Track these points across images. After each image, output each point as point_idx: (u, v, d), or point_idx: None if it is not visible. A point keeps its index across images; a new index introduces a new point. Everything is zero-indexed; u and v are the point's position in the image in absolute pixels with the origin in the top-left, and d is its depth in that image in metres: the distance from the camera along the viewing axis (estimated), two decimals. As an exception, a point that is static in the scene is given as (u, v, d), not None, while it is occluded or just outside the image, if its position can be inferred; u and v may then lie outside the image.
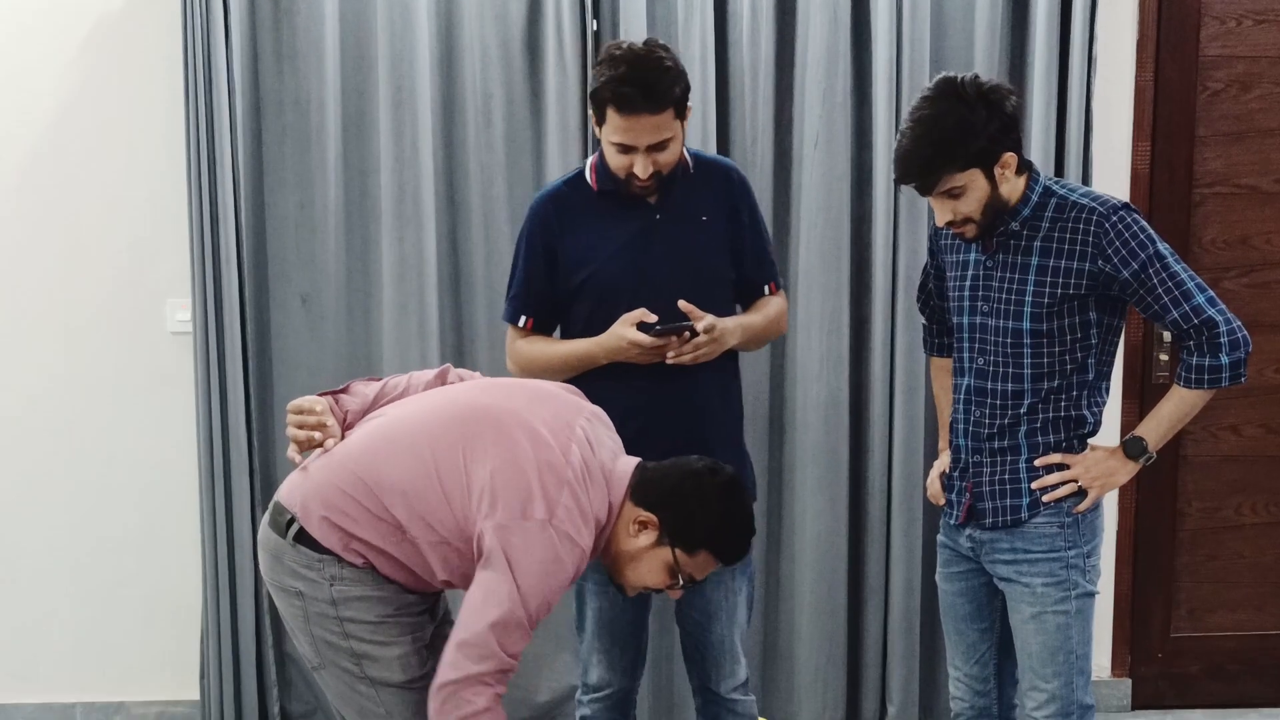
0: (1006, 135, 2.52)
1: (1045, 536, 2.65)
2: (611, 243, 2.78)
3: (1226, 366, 2.59)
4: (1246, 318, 3.85)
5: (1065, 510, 2.65)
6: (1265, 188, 3.87)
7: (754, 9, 3.62)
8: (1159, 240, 2.57)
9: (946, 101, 2.50)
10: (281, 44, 3.64)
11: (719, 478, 2.46)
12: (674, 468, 2.47)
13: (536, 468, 2.31)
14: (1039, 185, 2.61)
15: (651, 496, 2.42)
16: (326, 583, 2.38)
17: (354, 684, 2.43)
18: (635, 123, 2.65)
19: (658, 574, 2.45)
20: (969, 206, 2.54)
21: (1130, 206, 2.59)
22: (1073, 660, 2.67)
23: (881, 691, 3.88)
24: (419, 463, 2.36)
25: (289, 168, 3.68)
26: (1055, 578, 2.65)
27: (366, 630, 2.40)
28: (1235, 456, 3.98)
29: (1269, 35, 3.82)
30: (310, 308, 3.72)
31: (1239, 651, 4.04)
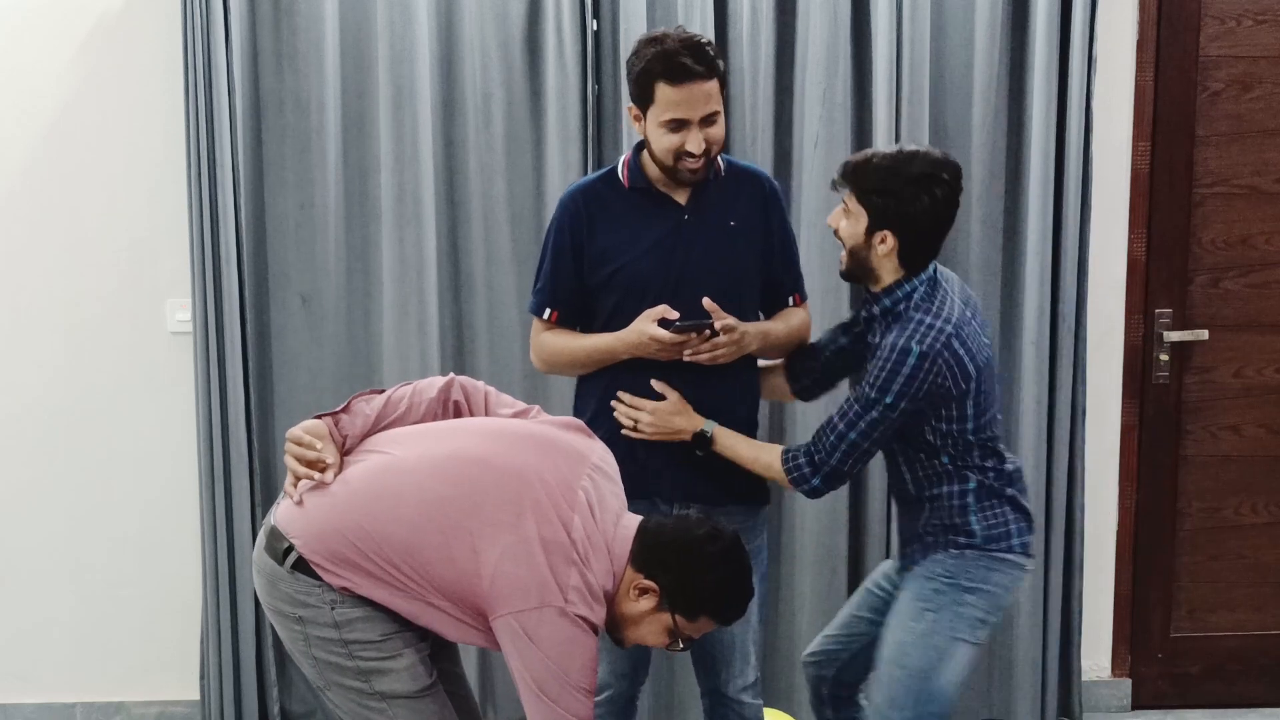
0: (902, 222, 2.63)
1: (933, 561, 2.75)
2: (640, 240, 2.78)
3: (807, 485, 2.73)
4: (1246, 318, 3.91)
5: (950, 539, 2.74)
6: (1265, 188, 3.87)
7: (754, 9, 3.62)
8: (893, 394, 2.61)
9: (910, 160, 2.65)
10: (281, 44, 3.64)
11: (718, 544, 2.43)
12: (675, 533, 2.44)
13: (544, 551, 2.30)
14: (907, 288, 2.69)
15: (652, 563, 2.40)
16: (327, 607, 2.36)
17: (364, 701, 2.42)
18: (689, 92, 2.64)
19: (657, 635, 2.47)
20: (845, 230, 2.70)
21: (910, 354, 2.60)
22: (905, 678, 2.70)
23: (881, 691, 3.87)
24: (426, 528, 2.34)
25: (289, 168, 3.68)
26: (922, 597, 2.73)
27: (372, 649, 2.39)
28: (1235, 456, 3.98)
29: (1269, 35, 3.82)
30: (310, 308, 3.72)
31: (1239, 651, 4.04)
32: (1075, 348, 3.75)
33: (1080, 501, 3.82)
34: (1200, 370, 3.93)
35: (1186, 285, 3.89)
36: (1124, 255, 3.86)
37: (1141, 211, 3.85)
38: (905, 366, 2.60)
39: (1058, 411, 3.76)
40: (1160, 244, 3.87)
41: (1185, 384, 3.93)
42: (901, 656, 2.71)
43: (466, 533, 2.32)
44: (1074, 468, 3.80)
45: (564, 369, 2.88)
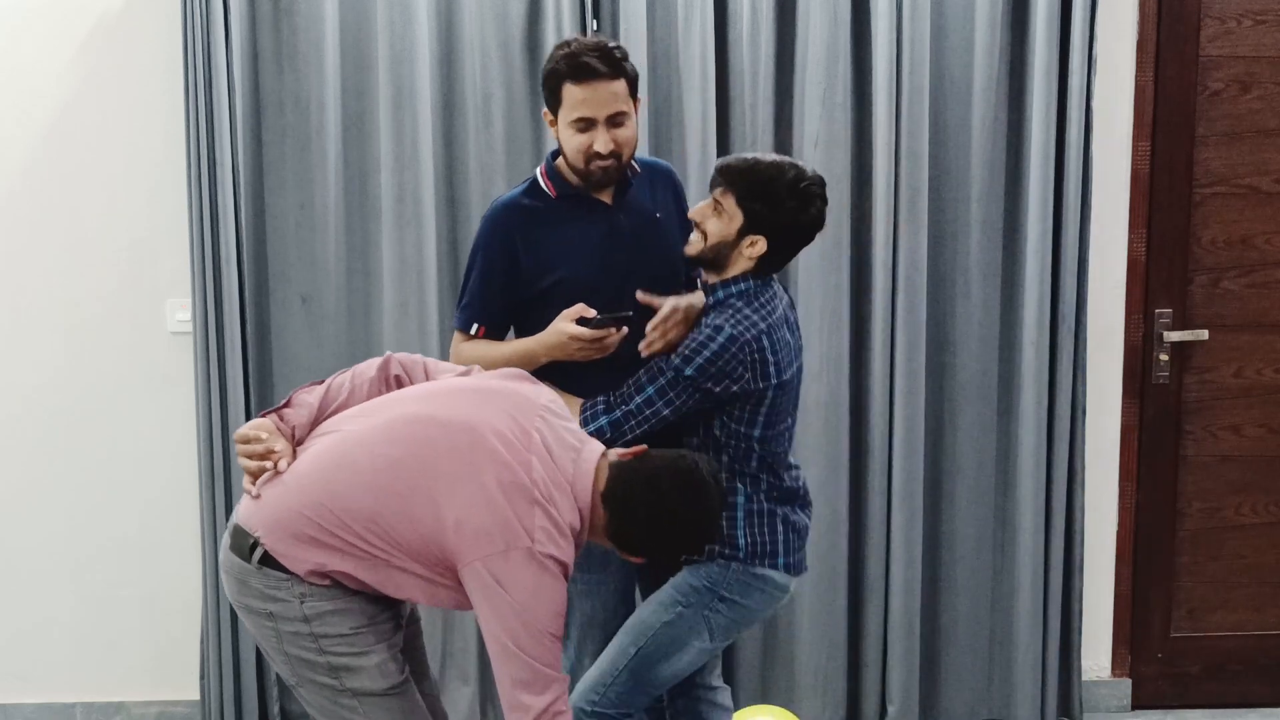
0: (777, 228, 2.69)
1: (698, 565, 2.76)
2: (579, 246, 2.77)
3: (597, 422, 2.69)
4: (1246, 318, 3.92)
5: (720, 554, 2.75)
6: (1265, 188, 3.87)
7: (754, 9, 3.62)
8: (700, 368, 2.63)
9: (789, 169, 2.71)
10: (281, 44, 3.64)
11: (680, 479, 2.41)
12: (635, 470, 2.42)
13: (505, 496, 2.31)
14: (745, 284, 2.73)
15: (616, 500, 2.40)
16: (297, 600, 2.37)
17: (335, 698, 2.42)
18: (594, 90, 2.69)
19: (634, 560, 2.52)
20: (712, 227, 2.71)
21: (720, 333, 2.65)
22: (632, 654, 2.74)
23: (881, 691, 3.87)
24: (384, 492, 2.34)
25: (289, 168, 3.68)
26: (678, 587, 2.76)
27: (343, 643, 2.39)
28: (1235, 456, 3.98)
29: (1269, 35, 3.82)
30: (310, 307, 3.72)
31: (1239, 651, 4.04)
32: (1075, 348, 3.75)
33: (1080, 501, 3.82)
34: (1200, 370, 3.93)
35: (1186, 285, 3.89)
36: (1124, 255, 3.86)
37: (1141, 211, 3.85)
38: (714, 344, 2.65)
39: (1058, 411, 3.76)
40: (1160, 244, 3.87)
41: (1185, 384, 3.93)
42: (639, 637, 2.75)
43: (425, 490, 2.33)
44: (1074, 468, 3.80)
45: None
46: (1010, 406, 3.80)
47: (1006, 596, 3.85)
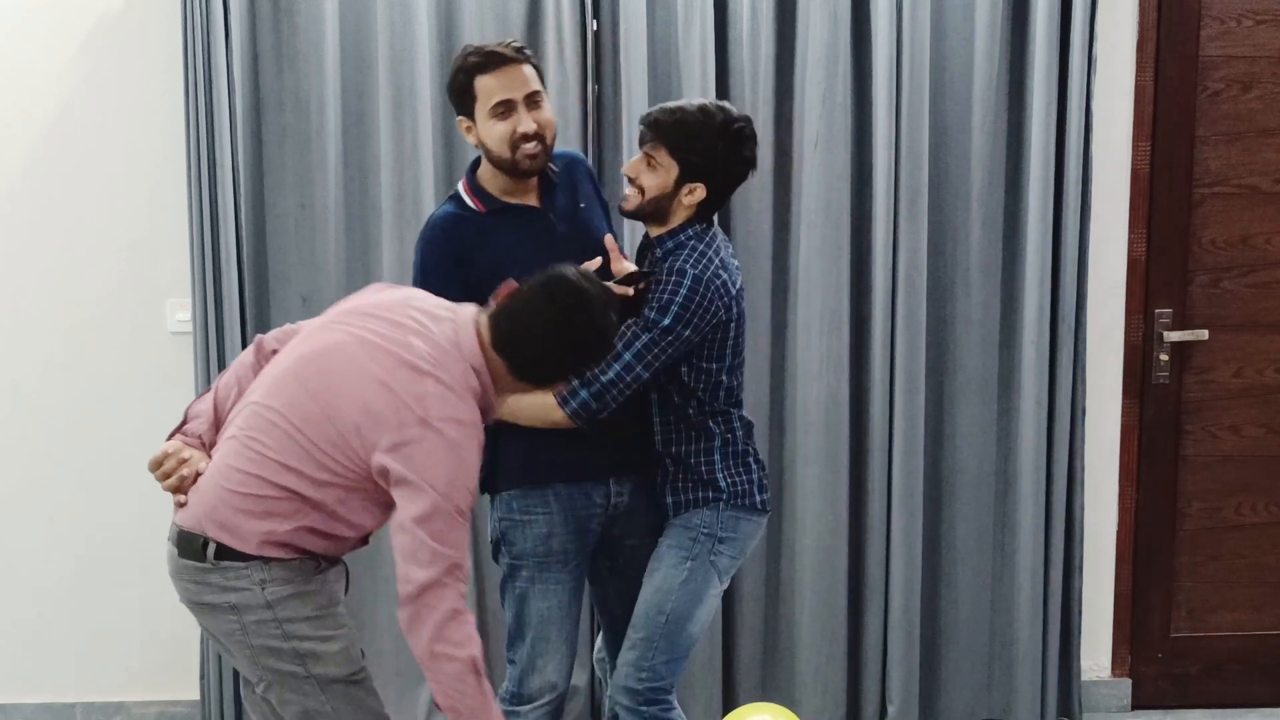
0: (714, 173, 2.74)
1: (684, 515, 2.84)
2: (517, 255, 2.72)
3: (579, 398, 2.69)
4: (1246, 318, 3.92)
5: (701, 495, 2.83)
6: (1265, 188, 3.87)
7: (754, 9, 3.62)
8: (676, 315, 2.67)
9: (715, 113, 2.75)
10: (281, 44, 3.64)
11: (551, 305, 2.41)
12: (514, 307, 2.44)
13: (392, 377, 2.33)
14: (691, 231, 2.77)
15: (506, 347, 2.43)
16: (258, 588, 2.38)
17: (299, 686, 2.43)
18: (507, 75, 2.73)
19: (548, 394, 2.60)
20: (647, 180, 2.75)
21: (686, 275, 2.69)
22: (663, 622, 2.78)
23: (881, 691, 3.87)
24: (295, 435, 2.36)
25: (289, 168, 3.68)
26: (679, 544, 2.82)
27: (307, 626, 2.41)
28: (1235, 456, 3.98)
29: (1269, 35, 3.82)
30: (310, 308, 3.71)
31: (1239, 651, 4.04)
32: (1075, 348, 3.75)
33: (1080, 501, 3.82)
34: (1200, 370, 3.93)
35: (1186, 285, 3.89)
36: (1124, 255, 3.86)
37: (1141, 211, 3.85)
38: (682, 288, 2.68)
39: (1058, 411, 3.76)
40: (1160, 244, 3.87)
41: (1185, 384, 3.93)
42: (663, 603, 2.79)
43: (323, 416, 2.35)
44: (1074, 468, 3.80)
45: None
46: (1010, 406, 3.80)
47: (1006, 596, 3.85)
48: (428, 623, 2.29)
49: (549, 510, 2.79)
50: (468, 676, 2.30)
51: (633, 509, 2.89)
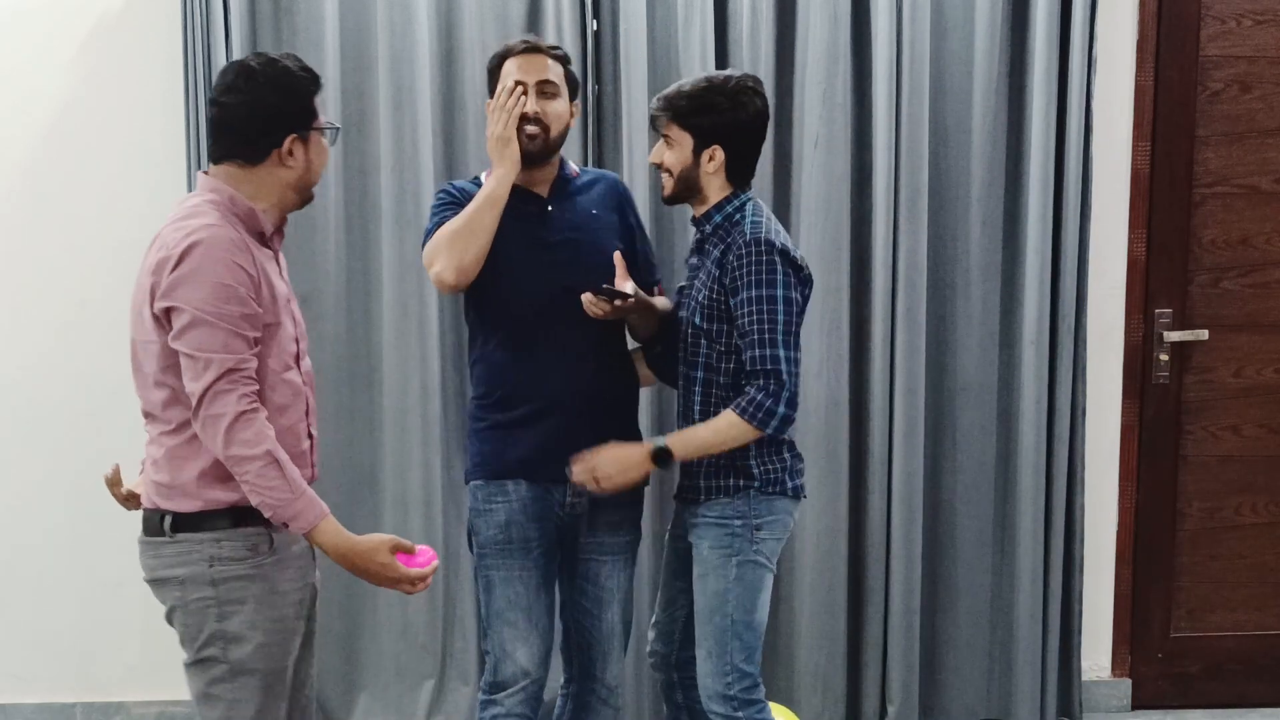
0: (726, 132, 2.77)
1: (717, 505, 2.81)
2: (507, 228, 2.80)
3: (777, 416, 2.71)
4: (1246, 318, 3.91)
5: (734, 483, 2.81)
6: (1265, 188, 3.88)
7: (754, 9, 3.62)
8: (782, 285, 2.70)
9: (714, 78, 2.81)
10: (281, 43, 3.64)
11: (229, 77, 2.51)
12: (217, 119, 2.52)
13: (155, 243, 2.45)
14: (737, 202, 2.81)
15: (219, 156, 2.51)
16: (206, 564, 2.44)
17: (210, 669, 2.47)
18: (529, 60, 2.85)
19: (324, 153, 2.58)
20: (669, 159, 2.81)
21: (773, 246, 2.71)
22: (729, 624, 2.78)
23: (881, 691, 3.87)
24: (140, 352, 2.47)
25: (289, 168, 3.68)
26: (720, 544, 2.80)
27: (243, 612, 2.45)
28: (1235, 456, 3.98)
29: (1269, 35, 3.82)
30: (310, 307, 3.71)
31: (1239, 651, 4.05)
32: (1075, 348, 3.76)
33: (1080, 501, 3.82)
34: (1200, 370, 3.93)
35: (1186, 285, 3.89)
36: (1124, 255, 3.86)
37: (1141, 211, 3.85)
38: (773, 254, 2.70)
39: (1058, 411, 3.76)
40: (1160, 244, 3.87)
41: (1185, 384, 3.93)
42: (722, 605, 2.79)
43: (136, 311, 2.47)
44: (1074, 467, 3.80)
45: (470, 237, 2.78)
46: (1010, 406, 3.80)
47: (1006, 596, 3.85)
48: (217, 429, 2.35)
49: (508, 499, 2.85)
50: (268, 471, 2.36)
51: (594, 518, 2.92)
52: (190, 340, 2.36)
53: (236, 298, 2.38)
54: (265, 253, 2.53)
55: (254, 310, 2.41)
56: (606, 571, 2.94)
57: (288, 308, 2.55)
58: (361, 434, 3.77)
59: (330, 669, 3.86)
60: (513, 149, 2.80)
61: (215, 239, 2.40)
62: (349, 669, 3.88)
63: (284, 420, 2.50)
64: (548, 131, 2.84)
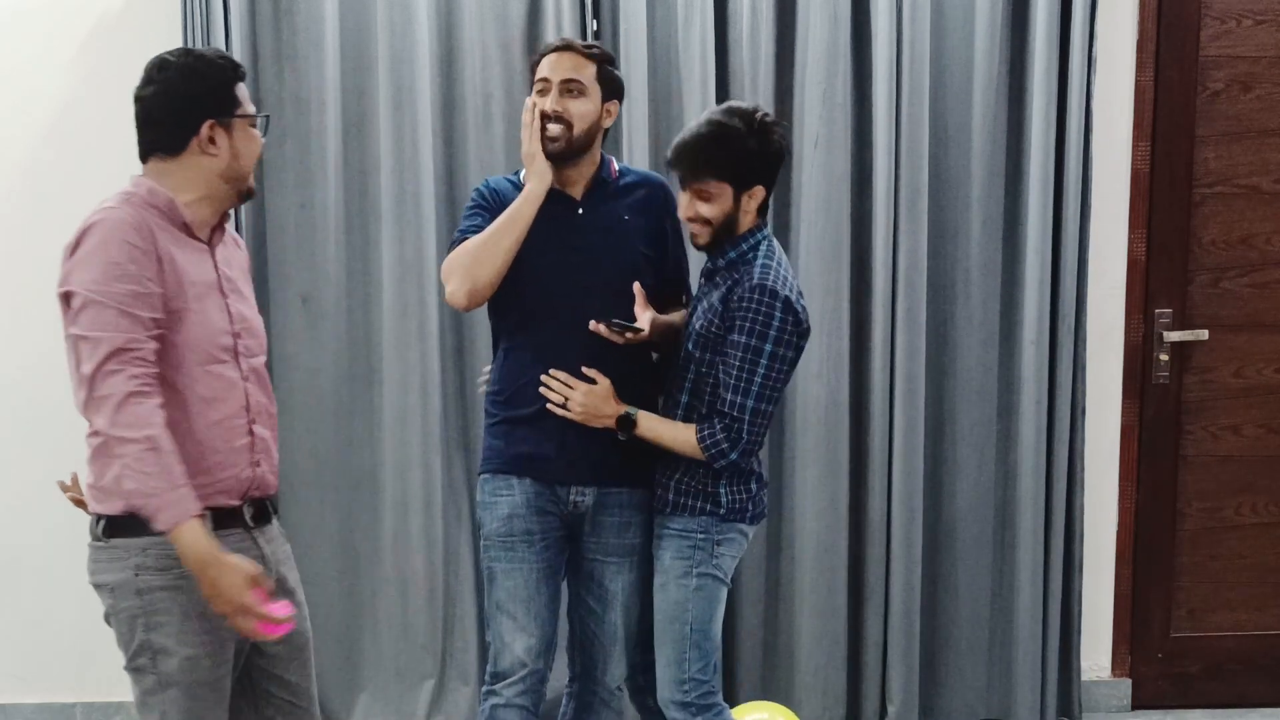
0: (764, 169, 2.77)
1: (680, 519, 2.85)
2: (538, 231, 2.80)
3: (727, 458, 2.77)
4: (1246, 318, 3.92)
5: (701, 505, 2.84)
6: (1265, 188, 3.88)
7: (754, 9, 3.62)
8: (773, 340, 2.71)
9: (732, 120, 2.75)
10: (281, 44, 3.64)
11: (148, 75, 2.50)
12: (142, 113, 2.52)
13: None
14: (752, 240, 2.80)
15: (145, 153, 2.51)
16: (132, 572, 2.41)
17: (142, 679, 2.45)
18: (559, 58, 2.84)
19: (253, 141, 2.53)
20: (710, 212, 2.77)
21: (776, 295, 2.72)
22: (687, 633, 2.82)
23: (882, 691, 3.88)
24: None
25: (289, 168, 3.68)
26: (682, 555, 2.83)
27: (168, 624, 2.41)
28: (1235, 456, 3.98)
29: (1269, 35, 3.82)
30: (310, 308, 3.73)
31: (1239, 651, 4.05)
32: (1075, 347, 3.76)
33: (1080, 501, 3.82)
34: (1200, 370, 3.93)
35: (1186, 285, 3.89)
36: (1124, 255, 3.87)
37: (1141, 211, 3.86)
38: (774, 305, 2.71)
39: (1058, 411, 3.77)
40: (1160, 244, 3.87)
41: (1185, 384, 3.94)
42: (682, 614, 2.82)
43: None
44: (1074, 467, 3.81)
45: (486, 261, 2.79)
46: (1010, 406, 3.80)
47: (1006, 596, 3.86)
48: (104, 409, 2.29)
49: (512, 493, 2.86)
50: (146, 456, 2.28)
51: (599, 517, 2.91)
52: (82, 322, 2.33)
53: (127, 276, 2.35)
54: (195, 245, 2.49)
55: (150, 290, 2.36)
56: (610, 574, 2.94)
57: (215, 300, 2.49)
58: (361, 434, 3.78)
59: (330, 669, 3.86)
60: (539, 163, 2.80)
61: (109, 220, 2.39)
62: (349, 669, 3.88)
63: (212, 414, 2.44)
64: (571, 130, 2.82)
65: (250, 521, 2.52)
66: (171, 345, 2.40)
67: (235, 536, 2.47)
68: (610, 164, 2.96)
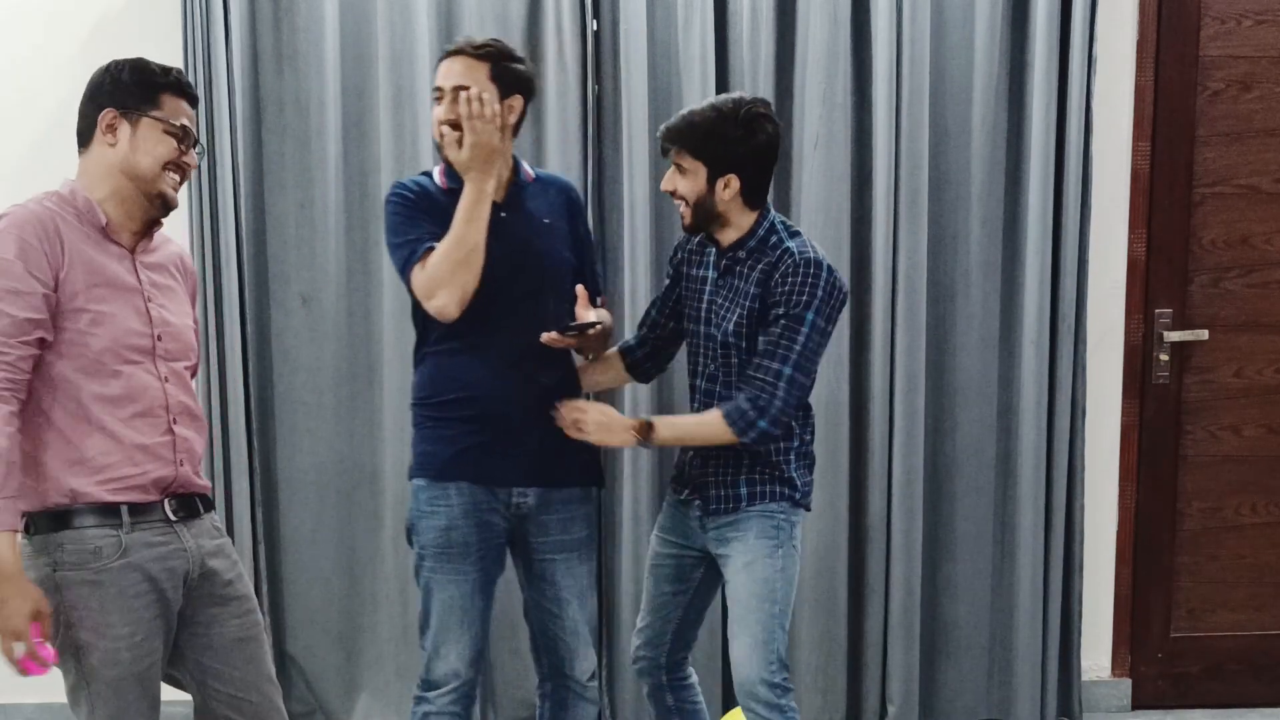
0: (743, 160, 2.75)
1: (759, 504, 2.85)
2: None
3: (757, 428, 2.74)
4: (1246, 318, 3.92)
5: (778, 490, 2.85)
6: (1265, 187, 3.89)
7: (754, 9, 3.63)
8: (816, 310, 2.72)
9: (724, 105, 2.76)
10: (282, 44, 3.65)
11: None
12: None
13: None
14: (767, 222, 2.81)
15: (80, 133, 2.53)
16: (50, 569, 2.42)
17: (69, 668, 2.46)
18: (450, 64, 2.81)
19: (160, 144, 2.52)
20: (685, 188, 2.78)
21: (822, 267, 2.74)
22: (776, 612, 2.81)
23: (882, 691, 3.88)
24: None
25: (289, 168, 3.69)
26: (767, 535, 2.83)
27: (89, 616, 2.42)
28: (1235, 457, 3.99)
29: (1269, 35, 3.83)
30: (310, 308, 3.73)
31: (1239, 651, 4.06)
32: (1075, 347, 3.76)
33: (1080, 501, 3.83)
34: (1200, 370, 3.94)
35: (1186, 285, 3.90)
36: (1124, 255, 3.87)
37: (1141, 211, 3.86)
38: (819, 277, 2.71)
39: (1058, 411, 3.77)
40: (1160, 244, 3.88)
41: (1185, 384, 3.94)
42: (770, 592, 2.81)
43: None
44: (1074, 467, 3.81)
45: (468, 265, 2.75)
46: (1010, 406, 3.81)
47: (1006, 596, 3.86)
48: None
49: (449, 504, 2.84)
50: None
51: (542, 516, 2.91)
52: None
53: (11, 273, 2.36)
54: (113, 248, 2.49)
55: (31, 289, 2.36)
56: (561, 571, 2.94)
57: (132, 303, 2.49)
58: (362, 433, 3.78)
59: (330, 669, 3.87)
60: (495, 161, 2.75)
61: (13, 217, 2.42)
62: (349, 669, 3.89)
63: (119, 412, 2.45)
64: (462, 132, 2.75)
65: (172, 515, 2.53)
66: (69, 343, 2.41)
67: (154, 529, 2.49)
68: (523, 165, 2.94)
